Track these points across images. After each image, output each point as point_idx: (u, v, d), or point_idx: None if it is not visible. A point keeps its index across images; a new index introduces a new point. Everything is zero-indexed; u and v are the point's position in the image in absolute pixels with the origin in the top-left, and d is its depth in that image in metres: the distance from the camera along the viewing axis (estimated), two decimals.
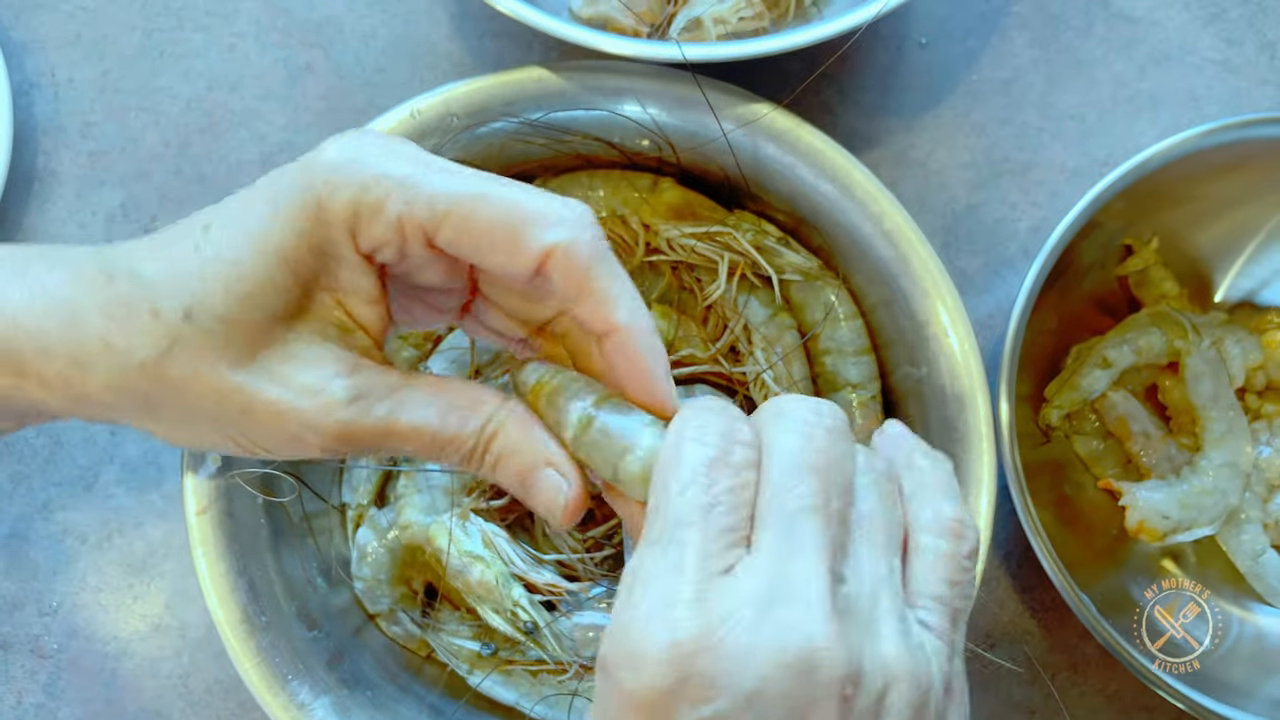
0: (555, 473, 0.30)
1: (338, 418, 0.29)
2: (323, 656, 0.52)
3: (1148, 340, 0.59)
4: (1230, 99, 0.65)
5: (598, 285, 0.29)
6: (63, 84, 0.64)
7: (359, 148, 0.29)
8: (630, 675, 0.24)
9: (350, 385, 0.29)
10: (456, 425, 0.30)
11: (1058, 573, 0.51)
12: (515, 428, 0.30)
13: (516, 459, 0.30)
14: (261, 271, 0.28)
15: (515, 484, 0.31)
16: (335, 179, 0.28)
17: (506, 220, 0.28)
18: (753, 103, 0.53)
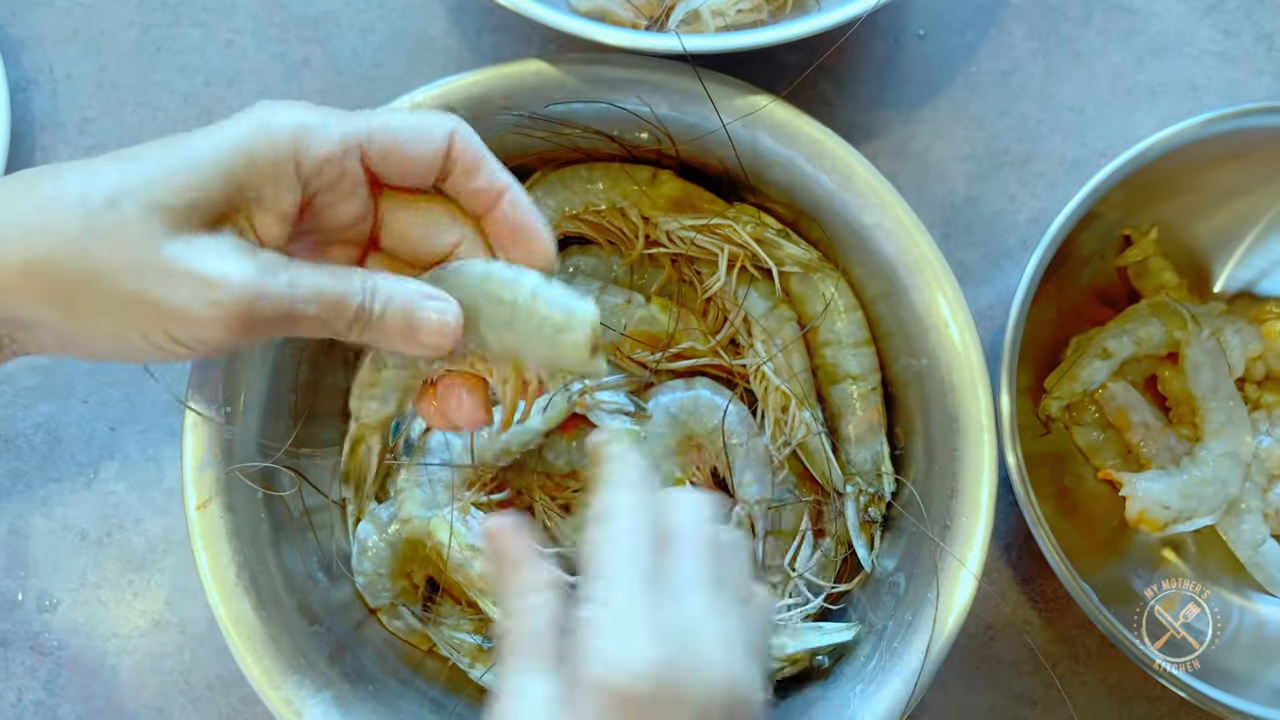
0: (435, 300, 0.36)
1: (253, 280, 0.32)
2: (324, 651, 0.52)
3: (1147, 331, 0.59)
4: (1228, 89, 0.65)
5: (488, 156, 0.37)
6: (60, 80, 0.64)
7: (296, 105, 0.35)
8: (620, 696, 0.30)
9: (258, 260, 0.33)
10: (343, 286, 0.35)
11: (1060, 564, 0.52)
12: (389, 279, 0.36)
13: (398, 299, 0.35)
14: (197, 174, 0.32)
15: (402, 325, 0.36)
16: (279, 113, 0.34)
17: (418, 124, 0.36)
18: (752, 94, 0.53)
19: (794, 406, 0.57)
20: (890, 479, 0.57)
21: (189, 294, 0.32)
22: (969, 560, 0.50)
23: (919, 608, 0.51)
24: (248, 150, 0.33)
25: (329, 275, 0.35)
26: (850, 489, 0.57)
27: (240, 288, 0.32)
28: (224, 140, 0.33)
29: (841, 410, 0.57)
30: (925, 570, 0.51)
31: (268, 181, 0.33)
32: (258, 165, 0.33)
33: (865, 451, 0.57)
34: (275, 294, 0.33)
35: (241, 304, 0.32)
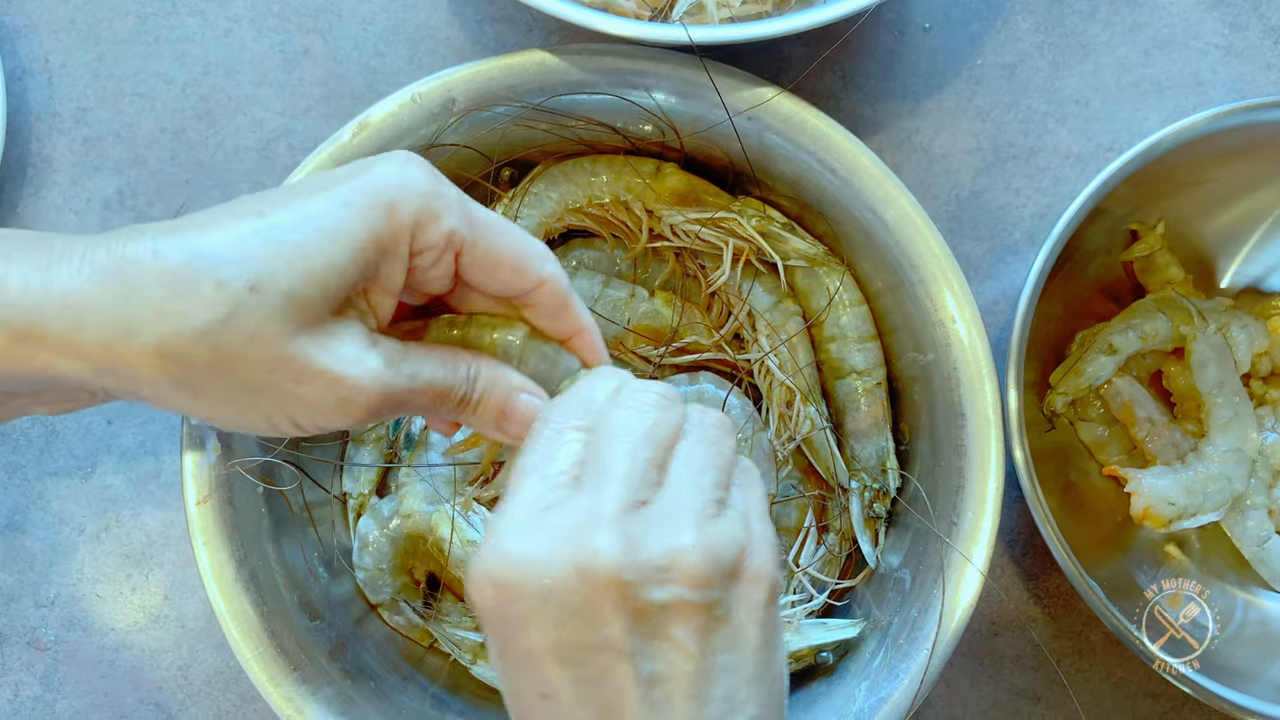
0: (528, 394, 0.37)
1: (381, 379, 0.33)
2: (325, 647, 0.51)
3: (1153, 326, 0.59)
4: (1235, 83, 0.65)
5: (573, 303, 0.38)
6: (56, 69, 0.64)
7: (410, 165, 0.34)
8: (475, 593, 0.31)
9: (382, 352, 0.34)
10: (454, 375, 0.36)
11: (1066, 559, 0.51)
12: (488, 368, 0.37)
13: (496, 390, 0.36)
14: (330, 256, 0.31)
15: (497, 415, 0.37)
16: (406, 187, 0.33)
17: (521, 249, 0.36)
18: (758, 86, 0.52)
19: (798, 401, 0.56)
20: (895, 475, 0.56)
21: (321, 392, 0.32)
22: (975, 556, 0.49)
23: (924, 604, 0.50)
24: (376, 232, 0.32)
25: (440, 365, 0.35)
26: (855, 485, 0.56)
27: (370, 386, 0.33)
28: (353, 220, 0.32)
29: (846, 405, 0.57)
30: (931, 566, 0.51)
31: (387, 261, 0.33)
32: (382, 243, 0.33)
33: (870, 447, 0.57)
34: (398, 389, 0.34)
35: (372, 402, 0.33)
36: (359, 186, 0.32)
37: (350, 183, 0.33)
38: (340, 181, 0.33)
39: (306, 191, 0.32)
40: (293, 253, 0.31)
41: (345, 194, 0.32)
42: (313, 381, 0.32)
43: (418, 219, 0.33)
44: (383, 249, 0.33)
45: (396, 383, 0.34)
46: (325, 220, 0.32)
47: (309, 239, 0.31)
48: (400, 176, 0.33)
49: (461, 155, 0.55)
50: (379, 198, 0.32)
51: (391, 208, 0.32)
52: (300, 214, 0.32)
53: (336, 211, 0.32)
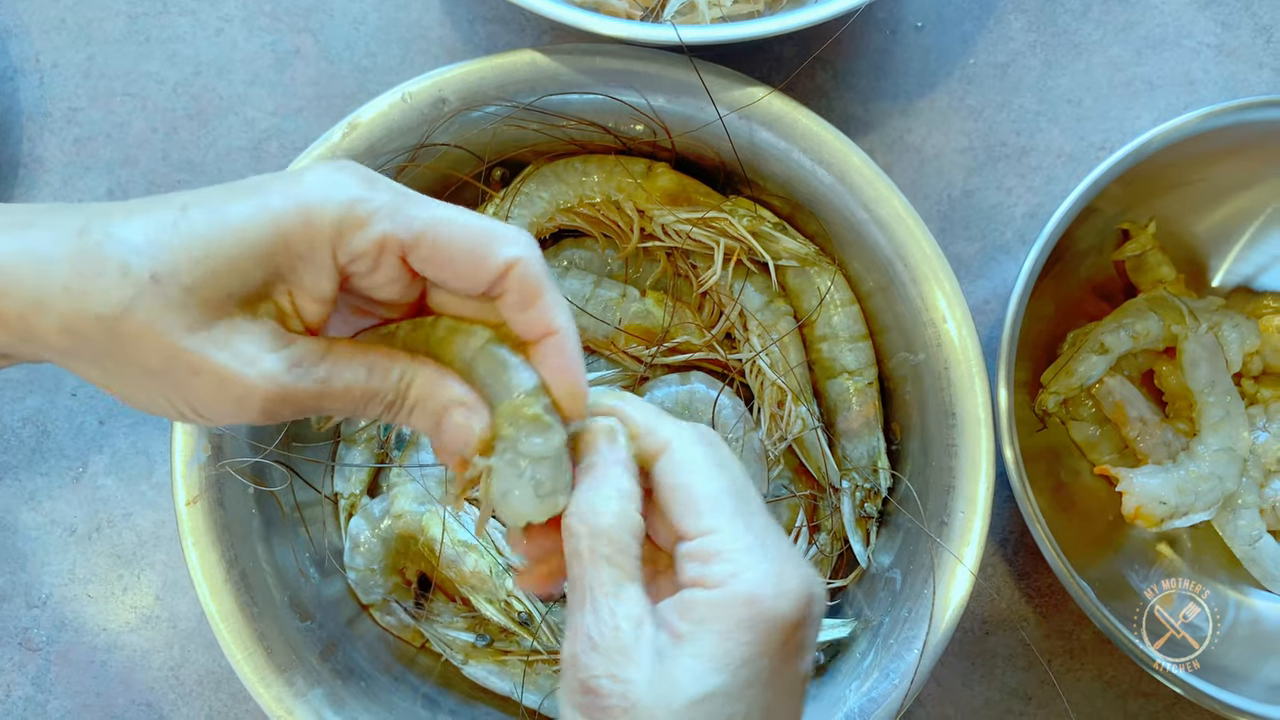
0: (465, 409, 0.34)
1: (280, 382, 0.32)
2: (316, 647, 0.51)
3: (1145, 325, 0.59)
4: (1226, 82, 0.65)
5: (547, 293, 0.34)
6: (47, 69, 0.63)
7: (340, 172, 0.33)
8: (784, 605, 0.32)
9: (289, 354, 0.33)
10: (379, 381, 0.34)
11: (1057, 559, 0.51)
12: (426, 378, 0.35)
13: (430, 402, 0.35)
14: (234, 257, 0.31)
15: (430, 426, 0.35)
16: (325, 194, 0.32)
17: (474, 239, 0.33)
18: (749, 86, 0.52)
19: (790, 401, 0.56)
20: (886, 474, 0.56)
21: (214, 387, 0.32)
22: (966, 556, 0.49)
23: (915, 604, 0.50)
24: (285, 234, 0.32)
25: (365, 369, 0.34)
26: (846, 484, 0.56)
27: (263, 387, 0.32)
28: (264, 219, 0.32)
29: (838, 405, 0.57)
30: (922, 566, 0.51)
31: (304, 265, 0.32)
32: (294, 250, 0.32)
33: (861, 447, 0.57)
34: (301, 391, 0.33)
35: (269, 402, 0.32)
36: (284, 192, 0.32)
37: (278, 188, 0.32)
38: (269, 186, 0.33)
39: (239, 193, 0.32)
40: (200, 249, 0.31)
41: (269, 199, 0.32)
42: (206, 376, 0.32)
43: (338, 227, 0.32)
44: (296, 254, 0.32)
45: (299, 385, 0.33)
46: (239, 221, 0.32)
47: (218, 237, 0.31)
48: (325, 185, 0.32)
49: (452, 155, 0.54)
50: (297, 204, 0.32)
51: (307, 215, 0.32)
52: (219, 213, 0.32)
53: (253, 215, 0.32)
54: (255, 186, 0.33)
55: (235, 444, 0.51)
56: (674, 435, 0.35)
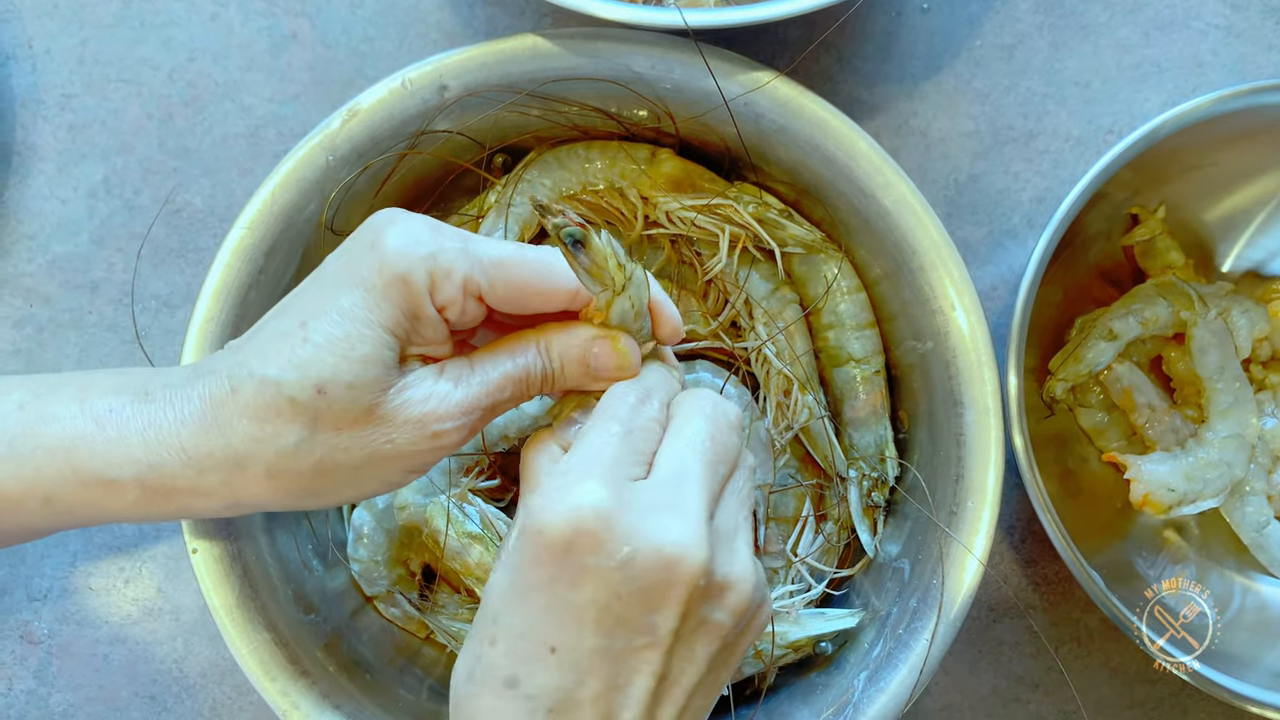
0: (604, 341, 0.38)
1: (455, 400, 0.36)
2: (319, 640, 0.51)
3: (1153, 311, 0.59)
4: (1236, 65, 0.64)
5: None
6: (40, 55, 0.62)
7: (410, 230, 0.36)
8: (547, 522, 0.33)
9: (448, 374, 0.37)
10: (526, 358, 0.38)
11: (1065, 547, 0.51)
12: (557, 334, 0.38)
13: (572, 351, 0.38)
14: (370, 340, 0.35)
15: (582, 373, 0.38)
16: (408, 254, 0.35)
17: (542, 275, 0.37)
18: (754, 70, 0.51)
19: (796, 390, 0.56)
20: (894, 463, 0.56)
21: (413, 436, 0.35)
22: (975, 546, 0.49)
23: (923, 593, 0.50)
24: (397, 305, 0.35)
25: (508, 356, 0.38)
26: (853, 473, 0.56)
27: (450, 411, 0.36)
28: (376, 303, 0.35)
29: (844, 394, 0.57)
30: (930, 555, 0.51)
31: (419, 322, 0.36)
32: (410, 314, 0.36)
33: (868, 435, 0.56)
34: (477, 399, 0.36)
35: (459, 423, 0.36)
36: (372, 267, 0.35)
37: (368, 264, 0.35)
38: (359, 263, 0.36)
39: (333, 285, 0.36)
40: (342, 349, 0.35)
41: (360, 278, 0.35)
42: (400, 432, 0.35)
43: (431, 280, 0.35)
44: (412, 315, 0.36)
45: (471, 394, 0.36)
46: (356, 310, 0.35)
47: (350, 332, 0.35)
48: (404, 245, 0.35)
49: (453, 142, 0.54)
50: (392, 274, 0.35)
51: (405, 281, 0.35)
52: (334, 313, 0.35)
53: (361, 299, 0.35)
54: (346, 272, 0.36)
55: None
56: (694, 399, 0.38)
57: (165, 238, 0.61)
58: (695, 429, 0.37)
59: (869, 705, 0.49)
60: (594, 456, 0.35)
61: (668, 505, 0.34)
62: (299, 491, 0.36)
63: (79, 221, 0.61)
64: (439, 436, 0.35)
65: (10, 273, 0.61)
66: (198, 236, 0.62)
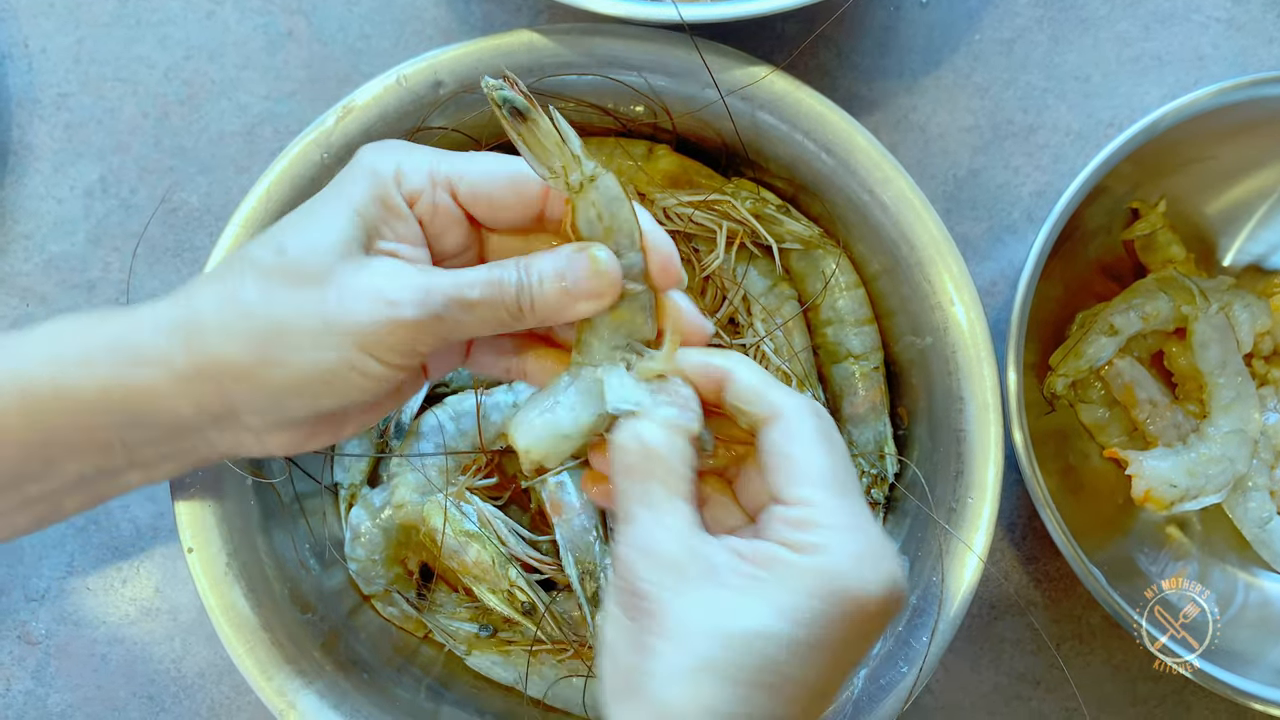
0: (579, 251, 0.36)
1: (418, 279, 0.35)
2: (317, 639, 0.51)
3: (1154, 306, 0.58)
4: (1237, 58, 0.64)
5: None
6: (36, 54, 0.62)
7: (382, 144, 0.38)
8: (868, 591, 0.32)
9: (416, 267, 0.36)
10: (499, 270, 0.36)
11: (1067, 544, 0.51)
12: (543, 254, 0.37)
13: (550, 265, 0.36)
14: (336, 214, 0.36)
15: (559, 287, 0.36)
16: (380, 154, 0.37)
17: (509, 172, 0.37)
18: (751, 65, 0.51)
19: (795, 387, 0.56)
20: (893, 460, 0.56)
21: (369, 305, 0.35)
22: (975, 543, 0.49)
23: (924, 590, 0.50)
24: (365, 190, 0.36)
25: (485, 266, 0.37)
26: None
27: (411, 286, 0.35)
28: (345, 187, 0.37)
29: (843, 390, 0.56)
30: (930, 553, 0.50)
31: (390, 214, 0.37)
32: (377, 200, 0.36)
33: (868, 432, 0.56)
34: (443, 286, 0.35)
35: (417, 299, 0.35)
36: (347, 169, 0.37)
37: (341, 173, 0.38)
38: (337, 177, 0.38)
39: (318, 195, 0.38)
40: (306, 223, 0.36)
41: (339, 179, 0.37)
42: (358, 299, 0.35)
43: (397, 170, 0.37)
44: (379, 202, 0.36)
45: (436, 280, 0.35)
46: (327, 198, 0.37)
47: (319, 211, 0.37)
48: (377, 149, 0.38)
49: (449, 139, 0.53)
50: (359, 169, 0.37)
51: (373, 171, 0.37)
52: (310, 205, 0.37)
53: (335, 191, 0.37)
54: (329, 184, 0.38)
55: None
56: (786, 404, 0.35)
57: (161, 236, 0.61)
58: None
59: (870, 703, 0.49)
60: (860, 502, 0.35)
61: (882, 543, 0.34)
62: (256, 357, 0.35)
63: (75, 221, 0.61)
64: (394, 306, 0.35)
65: (7, 272, 0.61)
66: (194, 235, 0.61)
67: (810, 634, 0.31)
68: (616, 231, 0.36)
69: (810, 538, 0.33)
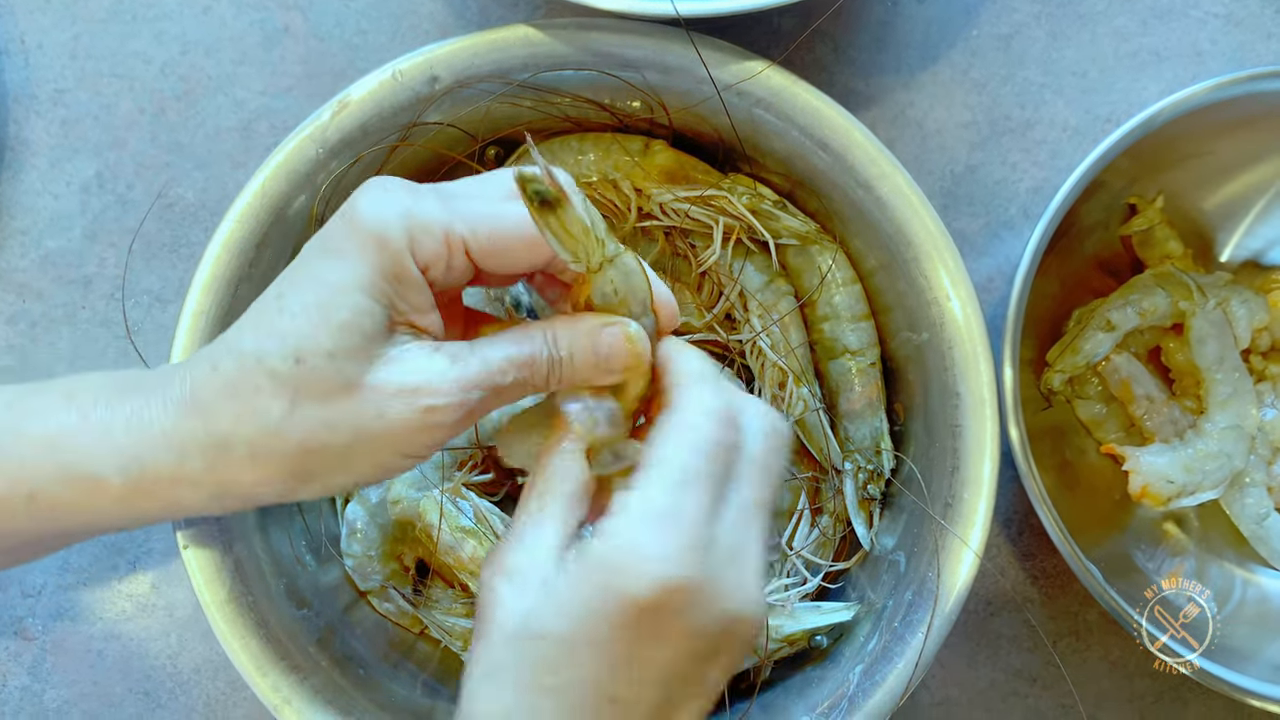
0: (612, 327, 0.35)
1: (452, 376, 0.33)
2: (312, 635, 0.51)
3: (1152, 301, 0.58)
4: (1235, 53, 0.63)
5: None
6: (32, 50, 0.62)
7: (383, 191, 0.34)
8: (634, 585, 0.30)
9: (445, 351, 0.34)
10: (531, 345, 0.35)
11: (1063, 539, 0.51)
12: (564, 322, 0.36)
13: (580, 339, 0.35)
14: (349, 304, 0.33)
15: (592, 360, 0.35)
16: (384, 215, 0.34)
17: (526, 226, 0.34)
18: (747, 60, 0.51)
19: (791, 382, 0.55)
20: (889, 456, 0.56)
21: (403, 410, 0.33)
22: (971, 538, 0.49)
23: (919, 586, 0.50)
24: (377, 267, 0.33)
25: (511, 340, 0.35)
26: (849, 466, 0.56)
27: (444, 386, 0.33)
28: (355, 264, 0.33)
29: (840, 386, 0.56)
30: (925, 548, 0.50)
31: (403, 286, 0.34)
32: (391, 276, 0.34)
33: (864, 428, 0.56)
34: (476, 378, 0.34)
35: (453, 402, 0.33)
36: (347, 232, 0.34)
37: (341, 232, 0.34)
38: (332, 234, 0.34)
39: (310, 258, 0.35)
40: (318, 316, 0.33)
41: (339, 245, 0.34)
42: (391, 405, 0.33)
43: (410, 236, 0.34)
44: (393, 277, 0.34)
45: (469, 372, 0.34)
46: (332, 276, 0.33)
47: (325, 298, 0.33)
48: (376, 205, 0.34)
49: (445, 134, 0.53)
50: (366, 236, 0.33)
51: (381, 240, 0.33)
52: (310, 282, 0.34)
53: (335, 264, 0.34)
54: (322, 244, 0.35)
55: None
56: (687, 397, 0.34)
57: (158, 232, 0.61)
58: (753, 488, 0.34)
59: (864, 699, 0.49)
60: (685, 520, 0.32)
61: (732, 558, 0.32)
62: (286, 475, 0.34)
63: (71, 216, 0.61)
64: (432, 413, 0.33)
65: (2, 268, 0.61)
66: (190, 230, 0.61)
67: (583, 630, 0.31)
68: (631, 301, 0.36)
69: (611, 524, 0.32)
